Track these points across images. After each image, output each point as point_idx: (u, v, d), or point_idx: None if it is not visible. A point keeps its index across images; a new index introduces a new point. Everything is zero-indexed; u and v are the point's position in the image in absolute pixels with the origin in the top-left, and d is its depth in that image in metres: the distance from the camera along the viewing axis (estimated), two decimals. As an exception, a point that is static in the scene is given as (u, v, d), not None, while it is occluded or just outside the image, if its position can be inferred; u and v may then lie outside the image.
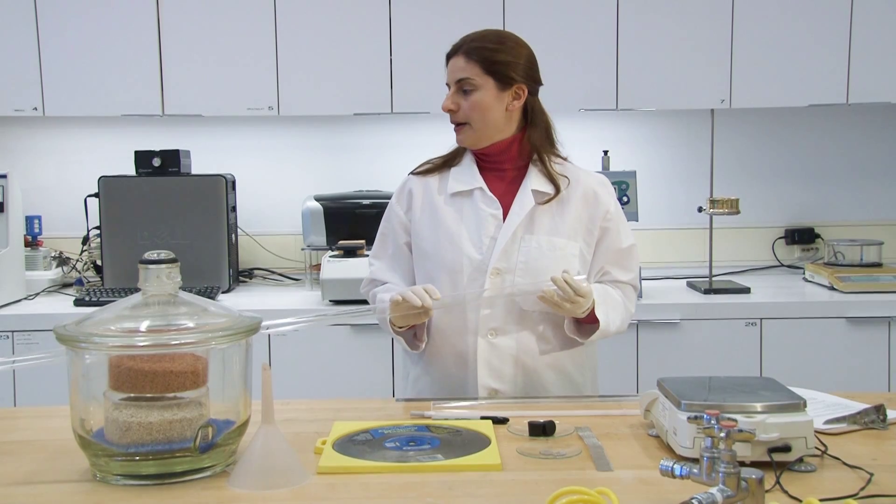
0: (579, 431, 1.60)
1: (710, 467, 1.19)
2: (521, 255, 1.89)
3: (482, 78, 1.89)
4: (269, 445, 1.37)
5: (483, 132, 1.92)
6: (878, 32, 3.29)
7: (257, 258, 3.69)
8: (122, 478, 1.37)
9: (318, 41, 3.28)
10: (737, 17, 3.29)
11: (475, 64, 1.89)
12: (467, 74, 1.89)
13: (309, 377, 3.00)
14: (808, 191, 3.76)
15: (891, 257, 3.55)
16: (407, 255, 2.01)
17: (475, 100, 1.89)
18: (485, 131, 1.92)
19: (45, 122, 3.58)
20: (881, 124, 3.73)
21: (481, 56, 1.89)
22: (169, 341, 1.38)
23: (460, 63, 1.90)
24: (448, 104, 1.92)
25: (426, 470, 1.41)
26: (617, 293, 1.95)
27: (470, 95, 1.90)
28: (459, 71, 1.90)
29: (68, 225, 3.58)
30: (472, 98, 1.89)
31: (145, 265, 1.42)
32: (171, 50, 3.27)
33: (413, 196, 2.00)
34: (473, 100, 1.89)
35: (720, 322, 3.05)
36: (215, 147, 3.65)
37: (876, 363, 3.08)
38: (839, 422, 1.60)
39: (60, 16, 3.24)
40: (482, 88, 1.89)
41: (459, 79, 1.90)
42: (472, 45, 1.90)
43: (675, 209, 3.71)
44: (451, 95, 1.92)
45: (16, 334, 2.99)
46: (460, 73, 1.90)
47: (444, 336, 1.94)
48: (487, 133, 1.92)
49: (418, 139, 3.51)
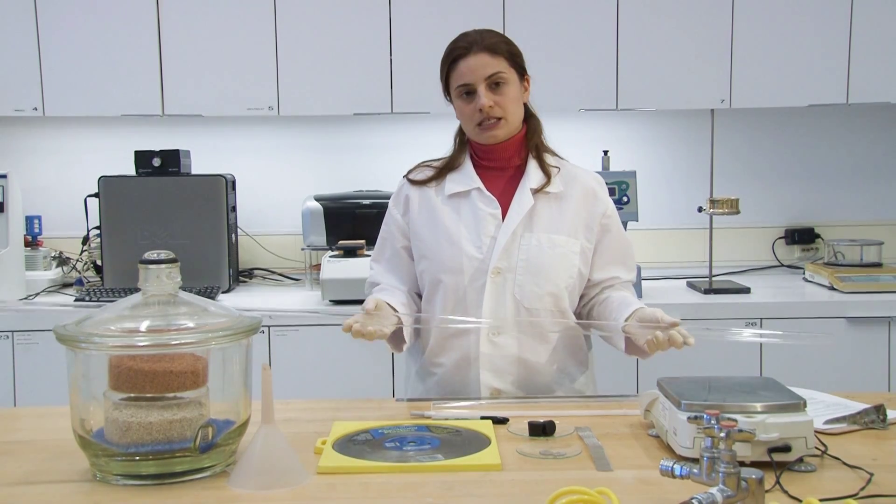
0: (579, 431, 1.60)
1: (710, 467, 1.19)
2: (522, 254, 1.89)
3: (509, 71, 1.89)
4: (269, 445, 1.37)
5: (514, 124, 1.93)
6: (878, 32, 3.29)
7: (257, 258, 3.69)
8: (122, 478, 1.37)
9: (318, 41, 3.28)
10: (737, 17, 3.29)
11: (502, 58, 1.89)
12: (499, 69, 1.88)
13: (309, 377, 3.00)
14: (808, 191, 3.76)
15: (891, 257, 3.55)
16: (405, 258, 2.00)
17: (510, 93, 1.89)
18: (515, 123, 1.93)
19: (45, 122, 3.58)
20: (881, 124, 3.73)
21: (505, 50, 1.89)
22: (169, 341, 1.38)
23: (485, 59, 1.87)
24: (487, 101, 1.87)
25: (426, 470, 1.41)
26: (633, 298, 1.95)
27: (502, 89, 1.89)
28: (488, 66, 1.87)
29: (68, 225, 3.58)
30: (505, 91, 1.89)
31: (145, 265, 1.42)
32: (171, 50, 3.27)
33: (410, 199, 1.99)
34: (508, 93, 1.89)
35: (720, 322, 3.05)
36: (215, 147, 3.65)
37: (876, 363, 3.08)
38: (839, 422, 1.60)
39: (60, 16, 3.24)
40: (511, 82, 1.89)
41: (491, 74, 1.87)
42: (491, 41, 1.89)
43: (675, 209, 3.71)
44: (484, 92, 1.87)
45: (16, 334, 2.99)
46: (491, 69, 1.87)
47: (445, 335, 1.93)
48: (516, 125, 1.94)
49: (418, 139, 3.51)
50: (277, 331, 3.02)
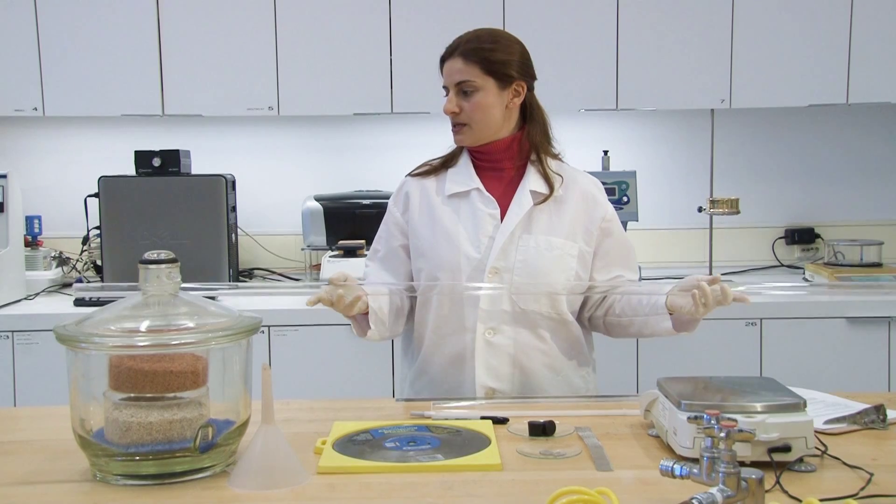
0: (579, 431, 1.60)
1: (710, 467, 1.19)
2: (520, 255, 1.89)
3: (482, 79, 1.88)
4: (269, 445, 1.37)
5: (482, 132, 1.92)
6: (878, 32, 3.29)
7: (257, 258, 3.69)
8: (122, 478, 1.37)
9: (318, 41, 3.28)
10: (737, 17, 3.29)
11: (474, 65, 1.88)
12: (467, 77, 1.88)
13: (309, 377, 3.00)
14: (808, 191, 3.76)
15: (891, 257, 3.55)
16: (400, 256, 2.00)
17: (477, 101, 1.89)
18: (484, 131, 1.92)
19: (45, 122, 3.58)
20: (881, 124, 3.73)
21: (479, 57, 1.88)
22: (169, 341, 1.38)
23: (458, 65, 1.89)
24: (451, 107, 1.91)
25: (426, 470, 1.41)
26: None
27: (471, 97, 1.89)
28: (458, 73, 1.89)
29: (68, 225, 3.58)
30: (473, 99, 1.89)
31: (145, 265, 1.42)
32: (171, 50, 3.27)
33: (410, 197, 2.00)
34: (475, 101, 1.89)
35: (720, 322, 3.05)
36: (215, 147, 3.65)
37: (876, 363, 3.08)
38: (839, 422, 1.60)
39: (60, 16, 3.24)
40: (483, 89, 1.89)
41: (459, 81, 1.89)
42: (468, 47, 1.89)
43: (675, 209, 3.71)
44: (451, 98, 1.91)
45: (16, 334, 2.99)
46: (460, 76, 1.89)
47: (441, 334, 1.93)
48: (487, 132, 1.92)
49: (418, 139, 3.51)
50: (277, 331, 3.02)
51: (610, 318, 1.98)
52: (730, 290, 1.69)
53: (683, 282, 1.77)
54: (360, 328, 1.88)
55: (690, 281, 1.74)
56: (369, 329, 1.85)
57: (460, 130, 1.94)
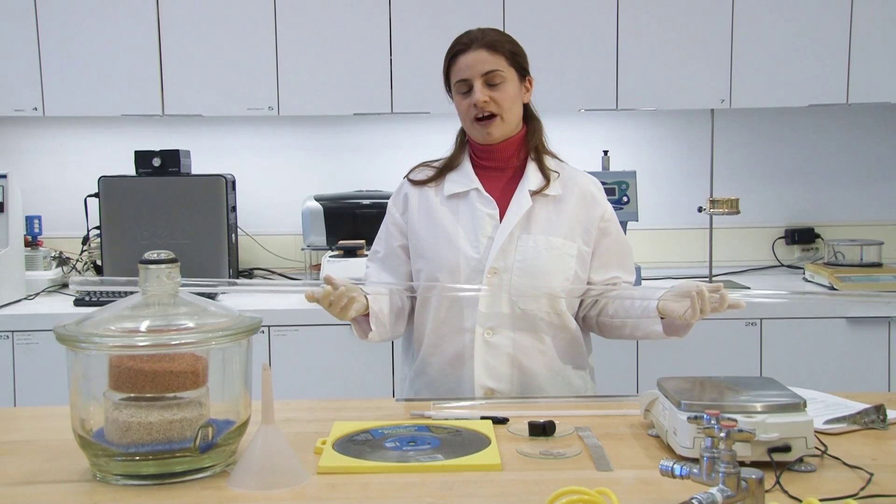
0: (579, 431, 1.60)
1: (710, 467, 1.19)
2: (519, 255, 1.89)
3: (508, 70, 1.89)
4: (269, 445, 1.37)
5: (510, 124, 1.92)
6: (878, 32, 3.29)
7: (257, 258, 3.69)
8: (122, 478, 1.37)
9: (318, 41, 3.27)
10: (737, 17, 3.29)
11: (501, 56, 1.88)
12: (496, 66, 1.88)
13: (309, 377, 3.00)
14: (808, 191, 3.76)
15: (891, 257, 3.55)
16: (400, 257, 2.00)
17: (507, 91, 1.89)
18: (512, 122, 1.93)
19: (45, 122, 3.58)
20: (881, 124, 3.73)
21: (504, 48, 1.89)
22: (169, 341, 1.38)
23: (484, 56, 1.88)
24: (482, 97, 1.87)
25: (426, 470, 1.41)
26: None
27: (499, 87, 1.88)
28: (485, 63, 1.88)
29: (68, 225, 3.58)
30: (502, 90, 1.89)
31: (145, 265, 1.42)
32: (171, 50, 3.27)
33: (409, 198, 2.00)
34: (505, 91, 1.89)
35: (720, 322, 3.05)
36: (215, 147, 3.65)
37: (876, 363, 3.08)
38: (839, 422, 1.60)
39: (60, 16, 3.24)
40: (509, 80, 1.89)
41: (487, 71, 1.87)
42: (492, 38, 1.90)
43: (675, 209, 3.71)
44: (480, 88, 1.88)
45: (16, 334, 2.99)
46: (488, 66, 1.87)
47: (440, 334, 1.93)
48: (512, 125, 1.93)
49: (418, 139, 3.51)
50: (277, 331, 3.02)
51: (603, 318, 1.98)
52: (728, 297, 1.70)
53: (680, 286, 1.77)
54: (361, 330, 1.88)
55: (689, 285, 1.74)
56: (370, 331, 1.85)
57: (490, 123, 1.90)
